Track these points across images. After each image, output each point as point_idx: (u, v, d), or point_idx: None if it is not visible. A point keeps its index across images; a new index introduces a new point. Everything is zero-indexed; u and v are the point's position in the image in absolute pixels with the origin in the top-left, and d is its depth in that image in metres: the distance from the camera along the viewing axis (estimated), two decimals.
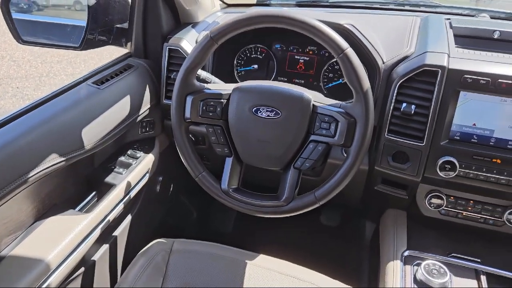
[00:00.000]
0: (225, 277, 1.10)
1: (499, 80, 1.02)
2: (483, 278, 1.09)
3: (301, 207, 0.99)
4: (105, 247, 1.26)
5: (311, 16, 0.94)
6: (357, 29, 1.16)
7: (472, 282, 1.08)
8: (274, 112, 0.97)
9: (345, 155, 0.98)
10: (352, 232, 1.89)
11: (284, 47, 1.38)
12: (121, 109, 1.23)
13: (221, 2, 1.59)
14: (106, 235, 1.28)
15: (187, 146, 1.04)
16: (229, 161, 1.04)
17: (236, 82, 1.06)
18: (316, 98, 0.98)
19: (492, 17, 1.44)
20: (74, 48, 1.23)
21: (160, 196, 1.58)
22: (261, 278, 1.10)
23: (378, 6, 1.56)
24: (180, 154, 1.06)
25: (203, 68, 1.30)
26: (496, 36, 1.20)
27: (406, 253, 1.16)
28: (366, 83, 0.91)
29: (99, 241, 1.22)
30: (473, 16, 1.46)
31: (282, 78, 1.40)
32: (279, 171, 1.03)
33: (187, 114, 1.02)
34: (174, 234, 1.26)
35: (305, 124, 0.96)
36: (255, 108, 0.98)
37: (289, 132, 0.97)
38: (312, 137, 0.97)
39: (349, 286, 1.08)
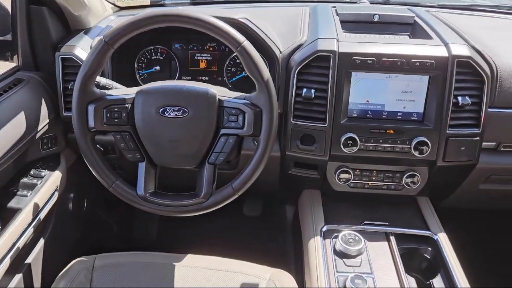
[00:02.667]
0: (155, 283, 1.08)
1: (383, 59, 1.12)
2: (392, 238, 1.20)
3: (221, 201, 1.01)
4: (18, 276, 1.17)
5: (206, 13, 0.95)
6: (251, 22, 1.20)
7: (383, 244, 1.19)
8: (181, 111, 0.97)
9: (256, 144, 1.01)
10: (275, 218, 1.96)
11: (184, 46, 1.38)
12: (15, 127, 1.14)
13: (113, 6, 1.54)
14: (18, 264, 1.18)
15: (95, 156, 1.00)
16: (142, 166, 1.02)
17: (139, 85, 1.04)
18: (221, 92, 1.00)
19: (371, 3, 1.57)
20: None
21: (74, 213, 1.50)
22: (192, 277, 1.10)
23: None
24: (89, 166, 1.01)
25: (102, 75, 1.25)
26: (376, 19, 1.33)
27: (324, 228, 1.24)
28: (266, 73, 0.95)
29: (10, 272, 1.13)
30: (355, 2, 1.58)
31: (186, 77, 1.40)
32: (195, 169, 1.04)
33: (91, 123, 0.98)
34: (96, 251, 1.21)
35: (213, 119, 0.98)
36: (161, 109, 0.97)
37: (199, 129, 0.98)
38: (222, 131, 0.99)
39: (276, 269, 1.12)
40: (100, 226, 1.80)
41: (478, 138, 1.17)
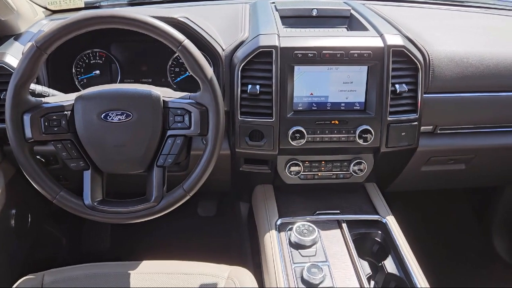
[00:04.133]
0: None
1: (323, 52, 1.15)
2: (344, 225, 1.24)
3: (173, 203, 1.00)
4: None
5: (144, 13, 0.93)
6: (191, 21, 1.19)
7: (336, 231, 1.23)
8: (125, 115, 0.95)
9: (205, 143, 1.01)
10: (230, 216, 1.96)
11: (124, 48, 1.34)
12: None
13: (44, 9, 1.46)
14: None
15: (35, 168, 0.95)
16: (87, 174, 0.99)
17: (79, 91, 1.00)
18: (165, 93, 0.99)
19: None
20: None
21: (17, 230, 1.41)
22: (149, 284, 1.08)
23: None
24: (29, 179, 0.96)
25: (38, 82, 1.19)
26: (314, 13, 1.36)
27: (279, 222, 1.26)
28: (209, 72, 0.95)
29: None
30: None
31: (129, 80, 1.36)
32: (143, 173, 1.01)
33: (28, 134, 0.93)
34: (45, 267, 1.15)
35: (159, 121, 0.96)
36: (103, 114, 0.94)
37: (144, 132, 0.96)
38: (169, 132, 0.98)
39: (234, 266, 1.13)
40: (48, 241, 1.72)
41: (416, 123, 1.23)
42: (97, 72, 1.33)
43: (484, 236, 1.99)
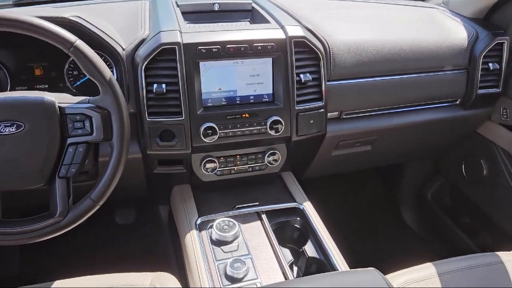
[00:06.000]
0: None
1: (227, 46, 1.15)
2: (264, 216, 1.25)
3: (81, 215, 0.94)
4: None
5: (31, 13, 0.86)
6: (85, 20, 1.12)
7: (257, 223, 1.24)
8: (15, 126, 0.87)
9: (111, 148, 0.95)
10: (150, 221, 1.90)
11: (12, 52, 1.22)
12: None
13: None
14: None
15: None
16: None
17: None
18: (61, 99, 0.92)
19: None
20: None
21: None
22: None
23: None
24: None
25: None
26: (216, 8, 1.35)
27: (198, 221, 1.24)
28: (107, 72, 0.90)
29: None
30: None
31: (21, 87, 1.24)
32: (44, 187, 0.93)
33: None
34: None
35: (56, 129, 0.89)
36: None
37: (40, 142, 0.88)
38: (70, 140, 0.91)
39: (156, 272, 1.09)
40: None
41: (323, 110, 1.28)
42: None
43: (394, 210, 2.15)
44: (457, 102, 1.53)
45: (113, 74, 1.19)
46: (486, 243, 1.78)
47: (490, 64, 1.46)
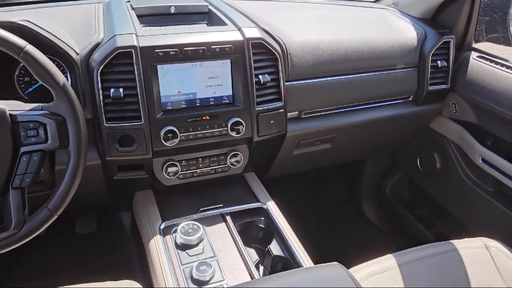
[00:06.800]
0: None
1: (185, 49, 1.14)
2: (228, 218, 1.25)
3: (38, 226, 0.90)
4: None
5: None
6: (35, 24, 1.08)
7: (221, 225, 1.24)
8: None
9: (67, 156, 0.93)
10: (113, 229, 1.85)
11: None
12: None
13: None
14: None
15: None
16: None
17: None
18: (12, 107, 0.88)
19: None
20: None
21: None
22: None
23: None
24: None
25: None
26: (172, 10, 1.34)
27: (162, 226, 1.22)
28: (60, 77, 0.87)
29: None
30: None
31: None
32: None
33: None
34: None
35: (7, 139, 0.86)
36: None
37: None
38: (23, 149, 0.88)
39: (119, 281, 1.07)
40: None
41: (282, 110, 1.29)
42: None
43: (355, 205, 2.21)
44: (410, 98, 1.59)
45: (67, 79, 1.16)
46: (442, 232, 1.87)
47: (439, 62, 1.53)
